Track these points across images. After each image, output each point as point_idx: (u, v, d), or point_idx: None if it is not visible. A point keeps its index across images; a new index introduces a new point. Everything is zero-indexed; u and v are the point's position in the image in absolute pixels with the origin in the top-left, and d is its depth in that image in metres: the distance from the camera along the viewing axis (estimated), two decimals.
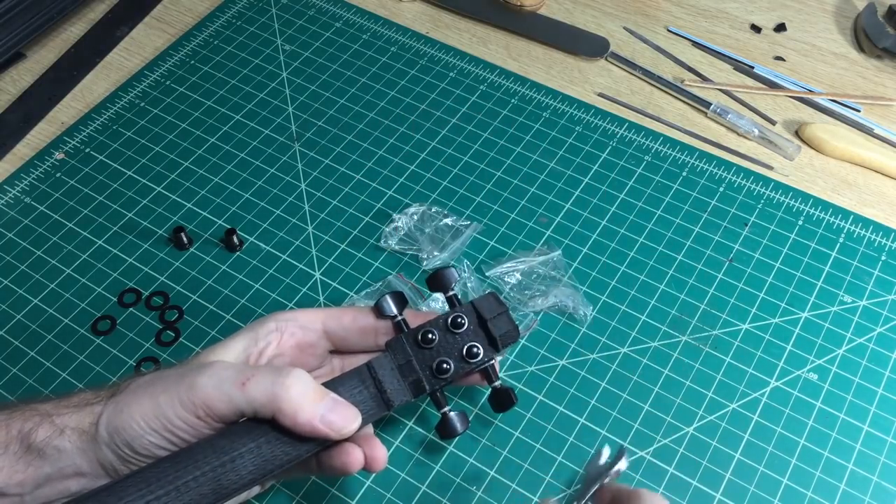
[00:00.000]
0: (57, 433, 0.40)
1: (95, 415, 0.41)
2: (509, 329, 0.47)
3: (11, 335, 0.60)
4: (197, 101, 0.75)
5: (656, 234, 0.65)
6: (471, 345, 0.46)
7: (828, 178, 0.70)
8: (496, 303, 0.48)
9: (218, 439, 0.40)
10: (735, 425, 0.55)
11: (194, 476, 0.39)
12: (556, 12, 0.83)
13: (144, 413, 0.40)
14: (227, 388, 0.40)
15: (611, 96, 0.75)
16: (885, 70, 0.78)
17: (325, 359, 0.49)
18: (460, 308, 0.47)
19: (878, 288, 0.62)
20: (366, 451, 0.44)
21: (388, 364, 0.45)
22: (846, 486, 0.53)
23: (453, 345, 0.47)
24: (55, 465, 0.40)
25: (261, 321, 0.46)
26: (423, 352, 0.46)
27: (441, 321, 0.47)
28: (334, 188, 0.68)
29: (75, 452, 0.40)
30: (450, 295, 0.49)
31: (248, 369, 0.41)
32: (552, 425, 0.56)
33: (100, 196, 0.68)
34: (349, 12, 0.82)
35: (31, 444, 0.40)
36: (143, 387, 0.41)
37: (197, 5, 0.84)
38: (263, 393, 0.40)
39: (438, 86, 0.75)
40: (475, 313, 0.47)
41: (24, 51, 0.80)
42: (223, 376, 0.40)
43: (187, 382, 0.40)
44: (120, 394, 0.41)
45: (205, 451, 0.40)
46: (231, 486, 0.40)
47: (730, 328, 0.60)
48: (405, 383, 0.46)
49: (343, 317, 0.48)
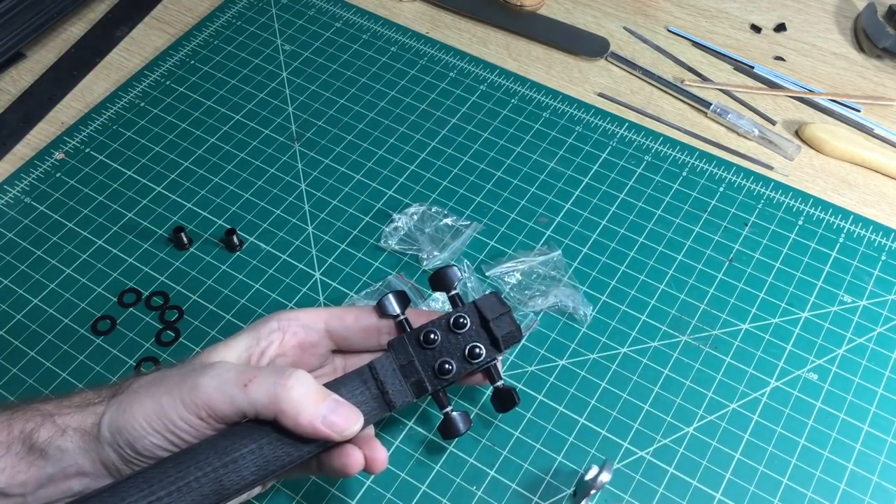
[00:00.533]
0: (59, 433, 0.40)
1: (97, 415, 0.40)
2: (512, 330, 0.47)
3: (11, 335, 0.60)
4: (197, 101, 0.75)
5: (656, 234, 0.65)
6: (473, 345, 0.46)
7: (828, 178, 0.70)
8: (498, 303, 0.48)
9: (220, 440, 0.40)
10: (735, 425, 0.55)
11: (196, 477, 0.39)
12: (556, 12, 0.83)
13: (147, 414, 0.40)
14: (229, 389, 0.40)
15: (611, 96, 0.75)
16: (885, 70, 0.78)
17: (327, 358, 0.49)
18: (462, 308, 0.47)
19: (878, 288, 0.62)
20: (366, 453, 0.44)
21: (390, 365, 0.45)
22: (846, 486, 0.53)
23: (455, 345, 0.47)
24: (57, 465, 0.40)
25: (263, 321, 0.46)
26: (426, 352, 0.46)
27: (443, 321, 0.47)
28: (334, 188, 0.68)
29: (77, 452, 0.40)
30: (452, 294, 0.48)
31: (250, 370, 0.41)
32: (552, 425, 0.56)
33: (100, 196, 0.68)
34: (349, 12, 0.82)
35: (34, 445, 0.40)
36: (145, 387, 0.41)
37: (197, 5, 0.84)
38: (265, 394, 0.40)
39: (438, 86, 0.75)
40: (477, 313, 0.47)
41: (24, 51, 0.80)
42: (225, 377, 0.40)
43: (190, 384, 0.40)
44: (122, 394, 0.41)
45: (206, 452, 0.40)
46: (233, 486, 0.40)
47: (730, 328, 0.60)
48: (407, 384, 0.45)
49: (346, 316, 0.48)
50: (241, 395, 0.40)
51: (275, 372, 0.41)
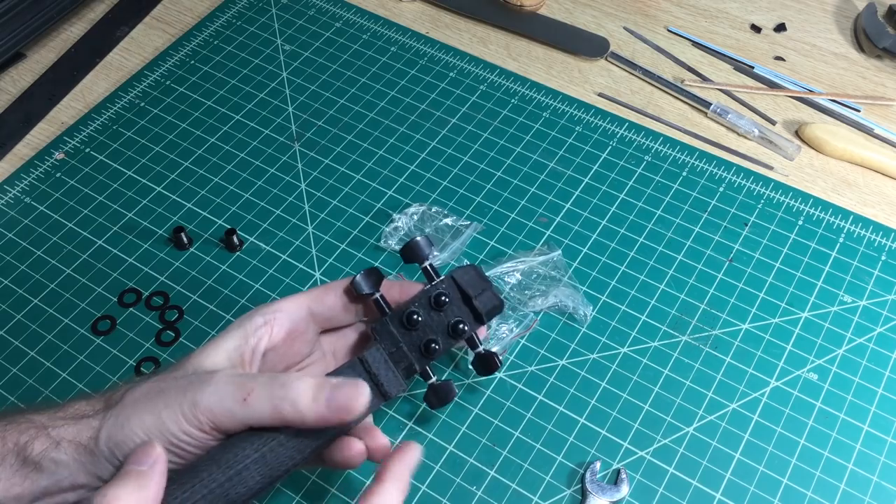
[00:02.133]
0: (53, 445, 0.40)
1: (94, 429, 0.40)
2: (495, 304, 0.48)
3: (11, 335, 0.60)
4: (197, 101, 0.75)
5: (656, 234, 0.65)
6: (457, 321, 0.47)
7: (828, 178, 0.70)
8: (478, 277, 0.48)
9: (220, 453, 0.40)
10: (735, 425, 0.55)
11: (203, 495, 0.39)
12: (556, 12, 0.83)
13: (147, 429, 0.39)
14: (229, 405, 0.40)
15: (611, 96, 0.75)
16: (885, 70, 0.78)
17: (315, 343, 0.48)
18: (440, 283, 0.47)
19: (878, 288, 0.62)
20: (368, 443, 0.44)
21: (381, 356, 0.45)
22: (846, 486, 0.53)
23: (438, 322, 0.47)
24: (52, 478, 0.40)
25: (247, 316, 0.45)
26: (410, 333, 0.46)
27: (424, 300, 0.47)
28: (334, 188, 0.68)
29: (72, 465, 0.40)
30: (425, 266, 0.48)
31: (247, 382, 0.40)
32: (552, 425, 0.56)
33: (100, 196, 0.68)
34: (349, 12, 0.82)
35: (28, 457, 0.39)
36: (141, 401, 0.40)
37: (197, 5, 0.84)
38: (266, 407, 0.40)
39: (438, 86, 0.76)
40: (457, 288, 0.47)
41: (24, 51, 0.80)
42: (223, 392, 0.40)
43: (189, 399, 0.40)
44: (117, 406, 0.41)
45: (209, 469, 0.39)
46: (240, 498, 0.40)
47: (730, 328, 0.60)
48: (398, 370, 0.45)
49: (326, 298, 0.47)
50: (242, 410, 0.40)
51: (270, 381, 0.40)
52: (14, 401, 0.57)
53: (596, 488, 0.52)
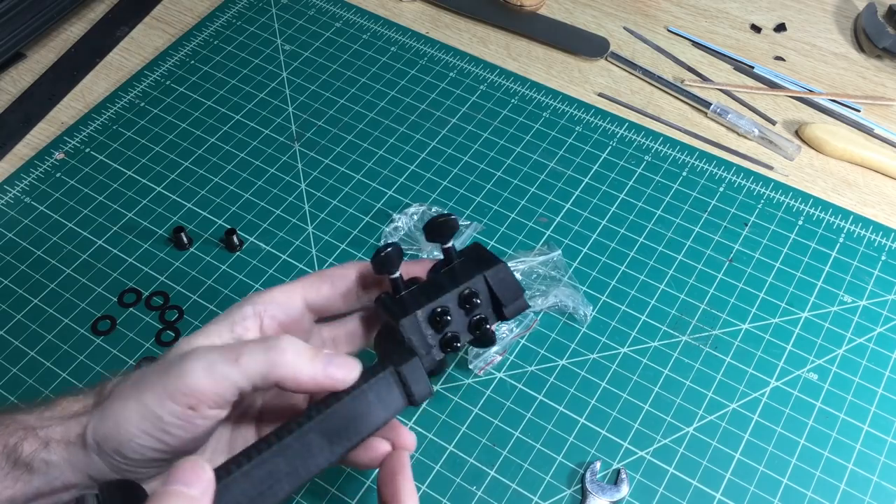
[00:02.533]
0: (42, 446, 0.39)
1: (82, 425, 0.39)
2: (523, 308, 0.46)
3: (11, 335, 0.60)
4: (197, 101, 0.75)
5: (656, 234, 0.65)
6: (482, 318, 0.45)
7: (828, 178, 0.70)
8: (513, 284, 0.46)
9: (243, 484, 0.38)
10: (735, 425, 0.55)
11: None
12: (556, 12, 0.83)
13: (131, 416, 0.38)
14: (219, 367, 0.38)
15: (611, 96, 0.75)
16: (885, 70, 0.78)
17: (311, 331, 0.47)
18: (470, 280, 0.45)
19: (878, 288, 0.62)
20: (394, 441, 0.44)
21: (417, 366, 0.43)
22: (846, 486, 0.53)
23: (462, 319, 0.45)
24: (44, 479, 0.39)
25: (237, 306, 0.44)
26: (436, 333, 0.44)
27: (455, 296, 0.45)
28: (334, 188, 0.68)
29: (63, 464, 0.39)
30: (447, 247, 0.46)
31: (235, 346, 0.39)
32: (552, 425, 0.56)
33: (100, 196, 0.68)
34: (349, 12, 0.82)
35: (18, 459, 0.39)
36: (126, 390, 0.40)
37: (197, 5, 0.84)
38: (260, 363, 0.38)
39: (438, 86, 0.76)
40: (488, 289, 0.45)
41: (24, 51, 0.80)
42: (212, 358, 0.39)
43: (174, 373, 0.38)
44: (104, 400, 0.40)
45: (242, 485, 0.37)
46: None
47: (730, 328, 0.60)
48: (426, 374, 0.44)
49: (322, 286, 0.45)
50: (233, 370, 0.38)
51: (262, 340, 0.40)
52: (14, 401, 0.57)
53: (596, 488, 0.52)
